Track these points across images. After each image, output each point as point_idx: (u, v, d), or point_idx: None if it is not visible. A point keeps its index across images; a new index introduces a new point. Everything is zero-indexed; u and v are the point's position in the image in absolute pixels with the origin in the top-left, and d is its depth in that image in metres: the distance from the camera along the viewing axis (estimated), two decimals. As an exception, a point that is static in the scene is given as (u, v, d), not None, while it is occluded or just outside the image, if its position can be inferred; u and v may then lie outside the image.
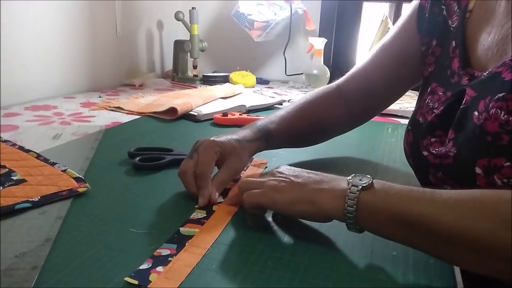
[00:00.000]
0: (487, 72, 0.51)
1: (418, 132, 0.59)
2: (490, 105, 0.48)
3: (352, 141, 0.90)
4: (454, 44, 0.58)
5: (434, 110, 0.57)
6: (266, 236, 0.48)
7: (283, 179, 0.49)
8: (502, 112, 0.47)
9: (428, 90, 0.61)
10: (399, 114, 1.15)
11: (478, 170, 0.48)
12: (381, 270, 0.42)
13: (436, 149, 0.55)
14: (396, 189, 0.43)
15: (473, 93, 0.52)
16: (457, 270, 0.44)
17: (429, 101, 0.59)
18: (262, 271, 0.41)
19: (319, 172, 0.50)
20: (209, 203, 0.55)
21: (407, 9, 0.68)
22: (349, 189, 0.44)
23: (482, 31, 0.55)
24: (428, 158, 0.56)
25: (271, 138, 0.68)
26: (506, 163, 0.46)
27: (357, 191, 0.43)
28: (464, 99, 0.52)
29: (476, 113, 0.50)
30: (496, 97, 0.48)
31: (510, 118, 0.46)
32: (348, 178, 0.45)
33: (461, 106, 0.52)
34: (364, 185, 0.43)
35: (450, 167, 0.53)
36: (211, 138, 0.60)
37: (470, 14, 0.58)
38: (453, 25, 0.60)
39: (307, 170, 0.51)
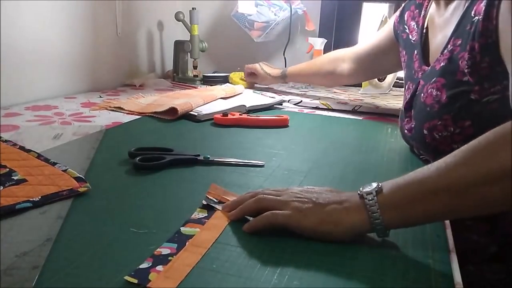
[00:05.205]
0: (430, 66, 0.77)
1: (401, 117, 0.85)
2: (429, 87, 0.74)
3: (352, 141, 0.91)
4: (415, 52, 0.85)
5: (406, 99, 0.83)
6: (266, 236, 0.48)
7: (306, 200, 0.49)
8: (434, 90, 0.72)
9: (406, 87, 0.87)
10: (398, 114, 1.15)
11: (425, 131, 0.73)
12: (381, 270, 0.42)
13: (407, 126, 0.81)
14: (402, 179, 0.46)
15: (423, 82, 0.77)
16: (456, 270, 0.44)
17: (406, 94, 0.85)
18: (262, 271, 0.42)
19: (330, 189, 0.51)
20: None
21: (392, 18, 1.02)
22: (366, 198, 0.46)
23: (435, 37, 0.80)
24: (406, 135, 0.82)
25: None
26: (438, 122, 0.70)
27: (374, 196, 0.46)
28: (418, 87, 0.79)
29: (422, 94, 0.76)
30: (431, 80, 0.73)
31: (437, 93, 0.71)
32: (358, 191, 0.48)
33: (416, 93, 0.79)
34: (377, 189, 0.46)
35: (414, 136, 0.77)
36: None
37: (427, 29, 0.83)
38: (413, 39, 0.88)
39: (320, 188, 0.52)
